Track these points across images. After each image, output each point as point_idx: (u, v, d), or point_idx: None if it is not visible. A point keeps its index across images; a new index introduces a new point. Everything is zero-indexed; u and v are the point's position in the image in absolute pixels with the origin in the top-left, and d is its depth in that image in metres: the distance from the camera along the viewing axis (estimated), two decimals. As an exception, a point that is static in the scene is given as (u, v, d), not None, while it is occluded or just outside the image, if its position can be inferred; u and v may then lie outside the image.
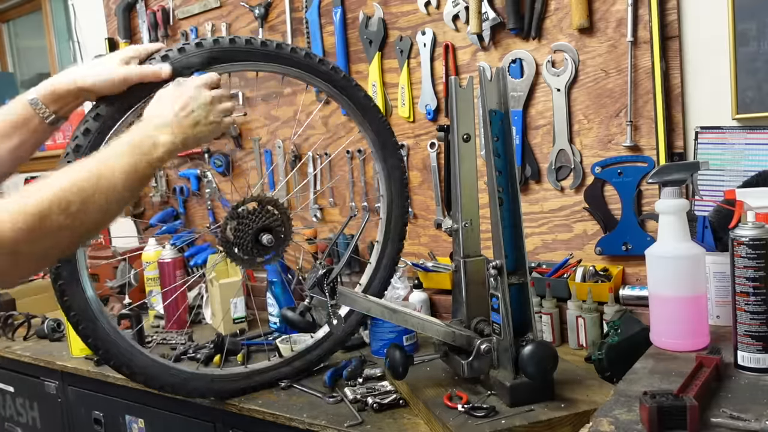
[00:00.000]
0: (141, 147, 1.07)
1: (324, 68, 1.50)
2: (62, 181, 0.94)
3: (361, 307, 1.38)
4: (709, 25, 1.52)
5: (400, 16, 1.97)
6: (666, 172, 1.27)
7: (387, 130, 1.60)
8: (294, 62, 1.45)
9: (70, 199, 0.92)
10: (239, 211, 1.40)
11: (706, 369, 1.06)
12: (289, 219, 1.46)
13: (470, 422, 1.19)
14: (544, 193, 1.78)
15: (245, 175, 2.41)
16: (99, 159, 1.02)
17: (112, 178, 0.99)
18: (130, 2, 2.60)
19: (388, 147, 1.60)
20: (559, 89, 1.71)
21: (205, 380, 1.48)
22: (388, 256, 1.64)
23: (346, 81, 1.54)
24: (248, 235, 1.40)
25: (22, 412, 2.21)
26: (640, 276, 1.64)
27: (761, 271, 1.09)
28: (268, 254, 1.43)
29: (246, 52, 1.38)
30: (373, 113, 1.58)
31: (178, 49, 1.31)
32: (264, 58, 1.41)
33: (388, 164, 1.60)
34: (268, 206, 1.42)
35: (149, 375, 1.42)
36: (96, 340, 1.35)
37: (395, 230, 1.64)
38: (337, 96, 1.54)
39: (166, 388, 1.45)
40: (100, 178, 0.98)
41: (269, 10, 2.23)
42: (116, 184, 0.99)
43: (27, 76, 3.79)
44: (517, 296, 1.29)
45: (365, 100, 1.57)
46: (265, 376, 1.55)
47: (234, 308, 2.07)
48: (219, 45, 1.34)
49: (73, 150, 1.25)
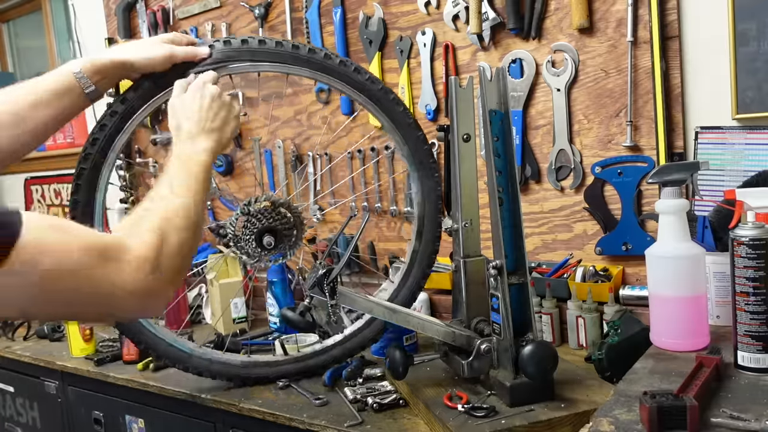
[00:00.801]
0: (191, 159, 1.13)
1: (360, 78, 1.45)
2: (153, 204, 1.00)
3: (361, 308, 1.38)
4: (709, 25, 1.52)
5: (400, 16, 1.97)
6: (666, 172, 1.27)
7: (425, 150, 1.50)
8: (327, 69, 1.43)
9: (169, 214, 0.97)
10: (251, 208, 1.42)
11: (706, 369, 1.06)
12: (302, 223, 1.45)
13: (470, 422, 1.19)
14: (544, 193, 1.78)
15: (252, 175, 2.41)
16: (166, 183, 1.06)
17: (190, 194, 1.04)
18: (130, 2, 2.60)
19: (426, 167, 1.50)
20: (559, 89, 1.71)
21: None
22: (414, 276, 1.56)
23: (384, 93, 1.48)
24: (253, 234, 1.41)
25: (22, 412, 2.21)
26: (640, 276, 1.64)
27: (761, 271, 1.09)
28: (273, 255, 1.43)
29: (276, 54, 1.39)
30: (410, 130, 1.49)
31: (224, 41, 1.35)
32: (295, 62, 1.41)
33: (424, 186, 1.50)
34: (280, 208, 1.43)
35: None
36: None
37: (423, 254, 1.54)
38: (372, 108, 1.48)
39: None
40: (179, 196, 1.03)
41: (269, 10, 2.23)
42: (196, 197, 1.05)
43: (27, 76, 3.77)
44: (517, 296, 1.29)
45: (403, 116, 1.49)
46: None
47: (234, 308, 2.07)
48: (265, 46, 1.38)
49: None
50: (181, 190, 1.04)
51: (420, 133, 1.51)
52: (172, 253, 0.92)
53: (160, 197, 1.02)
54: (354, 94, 1.46)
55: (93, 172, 1.36)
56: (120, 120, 1.35)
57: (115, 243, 0.86)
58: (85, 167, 1.36)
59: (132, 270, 0.85)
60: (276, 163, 2.30)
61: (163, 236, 0.91)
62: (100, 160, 1.36)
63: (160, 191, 1.04)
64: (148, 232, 0.91)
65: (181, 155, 1.14)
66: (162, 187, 1.05)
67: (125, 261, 0.85)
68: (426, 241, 1.54)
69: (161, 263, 0.89)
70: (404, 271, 1.56)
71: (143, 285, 0.86)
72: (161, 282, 0.89)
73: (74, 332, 1.96)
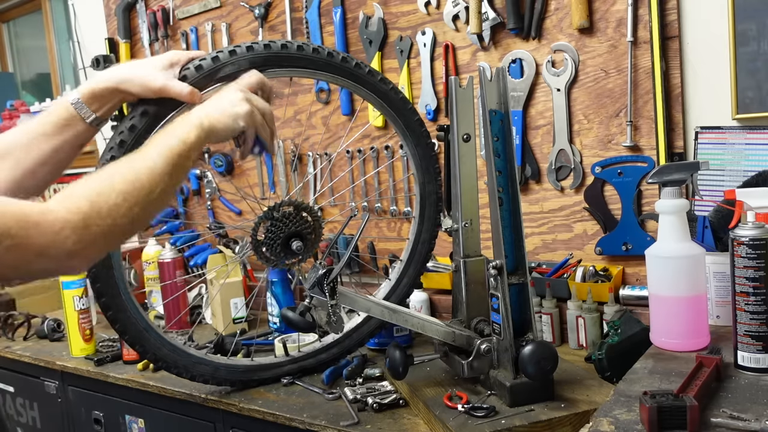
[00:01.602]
0: (174, 131, 1.09)
1: (384, 87, 1.48)
2: (104, 170, 1.00)
3: (361, 307, 1.38)
4: (709, 25, 1.52)
5: (400, 16, 1.97)
6: (666, 172, 1.27)
7: (432, 157, 1.57)
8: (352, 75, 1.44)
9: (115, 179, 0.97)
10: (274, 213, 1.39)
11: (706, 369, 1.06)
12: (321, 227, 1.45)
13: (470, 422, 1.19)
14: (544, 193, 1.78)
15: (248, 176, 2.41)
16: (139, 149, 1.06)
17: (151, 157, 1.02)
18: (130, 2, 2.60)
19: (430, 172, 1.57)
20: (559, 89, 1.71)
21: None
22: (410, 276, 1.62)
23: (403, 103, 1.52)
24: (279, 238, 1.39)
25: (22, 412, 2.21)
26: (640, 276, 1.64)
27: (761, 271, 1.09)
28: (295, 258, 1.42)
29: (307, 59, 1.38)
30: (422, 137, 1.55)
31: (247, 47, 1.32)
32: (325, 68, 1.41)
33: (426, 189, 1.58)
34: (303, 212, 1.42)
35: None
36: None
37: (420, 253, 1.61)
38: (390, 116, 1.52)
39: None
40: (137, 160, 1.02)
41: (269, 10, 2.23)
42: (156, 162, 1.02)
43: (27, 76, 3.80)
44: (517, 296, 1.29)
45: (417, 125, 1.54)
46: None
47: (234, 308, 2.07)
48: (287, 50, 1.36)
49: (118, 145, 1.27)
50: (144, 158, 1.02)
51: (430, 141, 1.56)
52: (103, 215, 0.93)
53: (115, 163, 1.03)
54: (377, 102, 1.49)
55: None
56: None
57: (37, 208, 0.89)
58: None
59: (52, 232, 0.88)
60: (276, 162, 2.30)
61: (93, 199, 0.93)
62: None
63: (125, 157, 1.05)
64: (75, 197, 0.93)
65: (169, 128, 1.11)
66: (131, 154, 1.05)
67: (46, 223, 0.88)
68: (423, 242, 1.60)
69: (86, 224, 0.91)
70: (401, 270, 1.61)
71: (63, 246, 0.89)
72: (83, 244, 0.91)
73: (74, 332, 1.96)
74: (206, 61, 1.28)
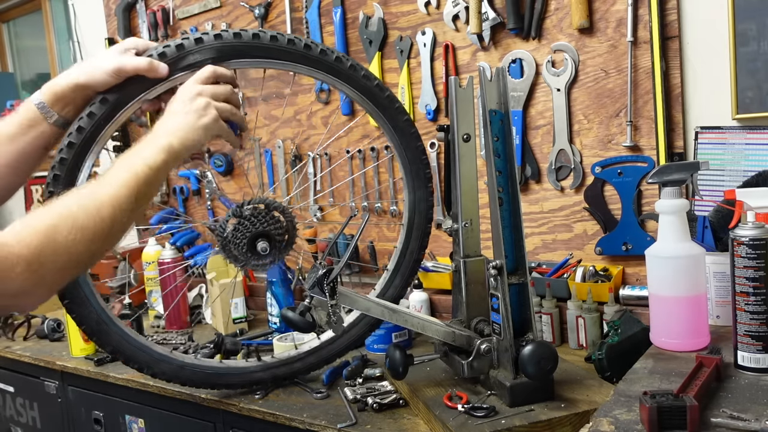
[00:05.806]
0: (141, 153, 1.06)
1: (367, 83, 1.42)
2: (66, 198, 0.96)
3: (360, 307, 1.38)
4: (709, 25, 1.52)
5: (400, 16, 1.97)
6: (666, 172, 1.27)
7: (422, 160, 1.51)
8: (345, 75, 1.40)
9: (74, 210, 0.93)
10: (243, 210, 1.37)
11: (706, 369, 1.06)
12: (295, 228, 1.41)
13: (470, 422, 1.19)
14: (544, 193, 1.78)
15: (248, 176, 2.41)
16: (103, 175, 1.02)
17: (115, 187, 0.99)
18: (130, 2, 2.60)
19: (421, 177, 1.51)
20: (559, 89, 1.71)
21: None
22: (396, 287, 1.56)
23: (390, 101, 1.46)
24: (246, 237, 1.35)
25: (22, 412, 2.21)
26: (640, 276, 1.64)
27: (761, 271, 1.09)
28: (265, 260, 1.38)
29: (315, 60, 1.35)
30: (412, 139, 1.50)
31: (215, 35, 1.27)
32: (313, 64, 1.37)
33: (416, 195, 1.52)
34: (274, 212, 1.38)
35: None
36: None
37: (407, 264, 1.54)
38: (371, 110, 1.47)
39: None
40: (102, 186, 0.99)
41: (269, 10, 2.23)
42: (119, 192, 0.99)
43: (27, 76, 3.79)
44: (517, 296, 1.29)
45: (406, 125, 1.49)
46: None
47: (234, 308, 2.07)
48: (258, 39, 1.30)
49: (76, 131, 1.22)
50: (107, 185, 0.99)
51: (420, 143, 1.51)
52: (59, 251, 0.89)
53: (78, 190, 1.00)
54: (361, 100, 1.44)
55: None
56: (80, 149, 1.23)
57: None
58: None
59: (3, 268, 0.85)
60: (276, 162, 2.30)
61: (50, 234, 0.89)
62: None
63: (89, 184, 1.01)
64: (31, 230, 0.89)
65: (135, 149, 1.08)
66: (93, 181, 1.02)
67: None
68: (411, 251, 1.54)
69: (41, 262, 0.87)
70: (386, 280, 1.56)
71: (13, 284, 0.86)
72: (35, 281, 0.87)
73: (74, 332, 1.96)
74: (170, 48, 1.24)
